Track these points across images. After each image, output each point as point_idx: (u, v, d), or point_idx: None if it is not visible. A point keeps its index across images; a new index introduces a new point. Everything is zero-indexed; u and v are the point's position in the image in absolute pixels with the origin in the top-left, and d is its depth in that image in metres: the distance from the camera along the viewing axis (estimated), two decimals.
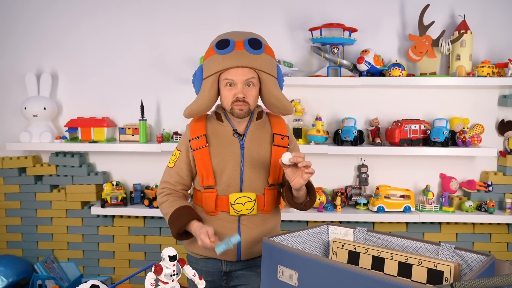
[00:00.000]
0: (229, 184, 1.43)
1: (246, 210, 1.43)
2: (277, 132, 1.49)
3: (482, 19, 2.50)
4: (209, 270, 1.51)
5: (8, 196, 2.62)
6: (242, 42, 1.37)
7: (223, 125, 1.47)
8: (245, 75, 1.37)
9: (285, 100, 1.46)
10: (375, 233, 1.30)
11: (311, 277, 1.03)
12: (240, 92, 1.38)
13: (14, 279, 2.45)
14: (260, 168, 1.45)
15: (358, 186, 2.58)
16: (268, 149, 1.46)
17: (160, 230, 2.59)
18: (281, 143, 1.48)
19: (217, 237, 1.31)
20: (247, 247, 1.46)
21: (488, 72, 2.36)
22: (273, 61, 1.45)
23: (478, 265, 1.07)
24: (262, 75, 1.40)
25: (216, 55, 1.38)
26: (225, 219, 1.45)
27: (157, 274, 1.04)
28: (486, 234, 2.53)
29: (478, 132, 2.51)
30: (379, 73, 2.42)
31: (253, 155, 1.44)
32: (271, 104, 1.46)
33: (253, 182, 1.44)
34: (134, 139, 2.53)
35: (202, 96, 1.42)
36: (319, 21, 2.50)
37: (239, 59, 1.36)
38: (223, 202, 1.44)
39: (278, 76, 1.47)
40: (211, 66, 1.39)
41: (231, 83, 1.38)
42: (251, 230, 1.46)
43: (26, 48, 2.63)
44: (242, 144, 1.44)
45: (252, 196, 1.43)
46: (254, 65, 1.37)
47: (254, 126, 1.48)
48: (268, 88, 1.42)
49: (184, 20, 2.57)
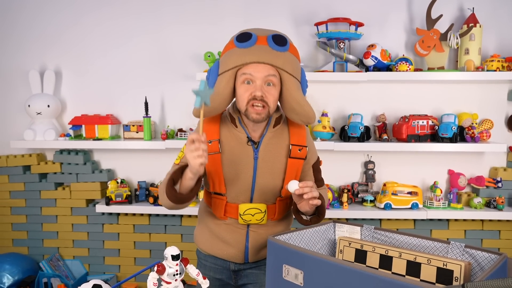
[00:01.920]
0: (239, 194, 1.38)
1: (255, 221, 1.39)
2: (295, 142, 1.38)
3: (491, 12, 2.44)
4: (218, 268, 1.49)
5: (13, 194, 2.62)
6: (265, 37, 1.26)
7: (237, 130, 1.37)
8: (266, 72, 1.25)
9: (307, 106, 1.32)
10: (382, 231, 1.27)
11: (317, 276, 1.00)
12: (259, 90, 1.25)
13: (20, 277, 2.46)
14: (273, 180, 1.37)
15: (365, 182, 2.55)
16: (283, 161, 1.37)
17: (165, 227, 2.58)
18: (298, 155, 1.38)
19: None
20: (254, 251, 1.43)
21: (497, 66, 2.32)
22: (297, 63, 1.32)
23: (489, 264, 1.04)
24: (284, 76, 1.27)
25: (236, 49, 1.27)
26: (234, 225, 1.42)
27: (160, 274, 1.02)
28: (495, 231, 2.49)
29: (487, 127, 2.47)
30: (386, 68, 2.38)
31: (267, 167, 1.36)
32: (291, 109, 1.32)
33: (265, 193, 1.38)
34: (139, 136, 2.51)
35: (215, 93, 1.28)
36: (324, 16, 2.46)
37: (260, 55, 1.24)
38: (232, 210, 1.40)
39: (302, 80, 1.34)
40: (229, 60, 1.28)
41: (249, 80, 1.26)
42: (260, 235, 1.43)
43: (29, 46, 2.62)
44: (256, 153, 1.35)
45: (262, 208, 1.38)
46: (276, 62, 1.25)
47: (270, 134, 1.37)
48: (289, 90, 1.29)
49: (188, 16, 2.54)
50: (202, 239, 1.50)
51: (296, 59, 1.32)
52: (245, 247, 1.42)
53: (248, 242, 1.42)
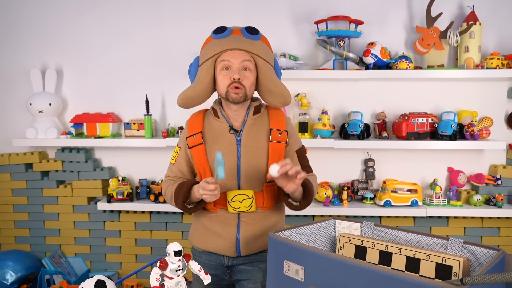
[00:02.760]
0: (226, 182, 1.41)
1: (244, 208, 1.42)
2: (274, 127, 1.45)
3: (491, 10, 2.45)
4: (212, 264, 1.51)
5: (15, 192, 2.64)
6: (239, 29, 1.41)
7: (219, 121, 1.46)
8: (242, 57, 1.37)
9: (282, 86, 1.44)
10: (382, 228, 1.28)
11: (317, 272, 1.02)
12: (236, 73, 1.36)
13: (23, 274, 2.47)
14: (257, 165, 1.43)
15: (365, 180, 2.56)
16: (265, 145, 1.44)
17: (166, 225, 2.59)
18: (279, 138, 1.45)
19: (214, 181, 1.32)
20: (246, 243, 1.45)
21: (497, 64, 2.33)
22: (269, 51, 1.45)
23: (487, 260, 1.05)
24: (259, 61, 1.40)
25: (213, 41, 1.40)
26: (224, 216, 1.45)
27: (162, 270, 1.04)
28: (495, 228, 2.50)
29: (487, 125, 2.48)
30: (386, 66, 2.39)
31: (250, 152, 1.42)
32: (268, 91, 1.43)
33: (251, 179, 1.43)
34: (140, 134, 2.52)
35: (197, 82, 1.42)
36: (324, 14, 2.47)
37: (236, 42, 1.37)
38: (221, 200, 1.43)
39: (275, 67, 1.47)
40: (208, 51, 1.40)
41: (228, 66, 1.38)
42: (251, 226, 1.45)
43: (30, 44, 2.63)
44: (239, 140, 1.43)
45: (249, 193, 1.42)
46: (250, 48, 1.37)
47: (250, 121, 1.46)
48: (264, 73, 1.41)
49: (189, 14, 2.55)
50: (196, 236, 1.54)
51: (268, 47, 1.45)
52: (236, 239, 1.45)
53: (239, 234, 1.44)
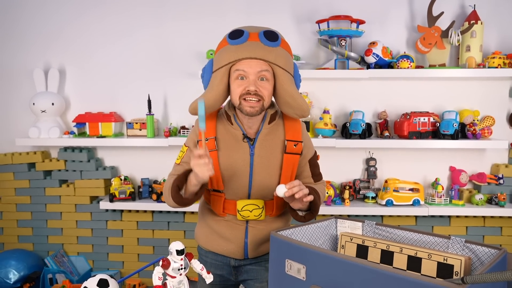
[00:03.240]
0: (237, 190, 1.39)
1: (253, 216, 1.40)
2: (290, 138, 1.39)
3: (492, 9, 2.45)
4: (218, 264, 1.50)
5: (18, 191, 2.65)
6: (257, 34, 1.29)
7: (233, 127, 1.39)
8: (259, 67, 1.27)
9: (300, 99, 1.34)
10: (384, 227, 1.29)
11: (319, 271, 1.02)
12: (252, 85, 1.27)
13: (26, 273, 2.48)
14: (270, 176, 1.39)
15: (367, 179, 2.57)
16: (279, 157, 1.39)
17: (168, 224, 2.60)
18: (294, 150, 1.39)
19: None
20: (254, 247, 1.44)
21: (499, 63, 2.32)
22: (289, 57, 1.34)
23: (489, 259, 1.05)
24: (277, 70, 1.29)
25: (228, 46, 1.29)
26: (232, 221, 1.43)
27: (165, 268, 1.04)
28: (497, 228, 2.50)
29: (489, 124, 2.47)
30: (387, 65, 2.39)
31: (263, 163, 1.38)
32: (285, 103, 1.34)
33: (262, 189, 1.39)
34: (142, 133, 2.53)
35: (210, 90, 1.32)
36: (326, 13, 2.47)
37: (253, 50, 1.26)
38: (230, 206, 1.41)
39: (295, 74, 1.36)
40: (222, 57, 1.30)
41: (243, 75, 1.28)
42: (259, 231, 1.44)
43: (33, 44, 2.64)
44: (252, 150, 1.37)
45: (260, 204, 1.39)
46: (268, 57, 1.27)
47: (265, 131, 1.39)
48: (282, 85, 1.31)
49: (191, 14, 2.56)
50: (202, 236, 1.52)
51: (288, 54, 1.34)
52: (244, 243, 1.43)
53: (247, 238, 1.43)
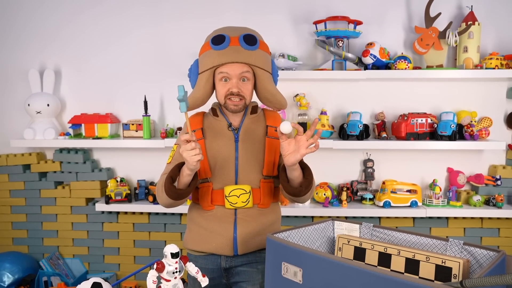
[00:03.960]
0: (224, 177, 1.46)
1: (241, 203, 1.44)
2: (270, 124, 1.51)
3: (490, 10, 2.45)
4: (208, 267, 1.50)
5: (13, 193, 2.63)
6: (237, 38, 1.42)
7: (218, 119, 1.51)
8: (240, 69, 1.41)
9: (279, 95, 1.50)
10: (381, 229, 1.27)
11: (316, 274, 1.01)
12: (235, 87, 1.41)
13: (20, 276, 2.46)
14: (255, 160, 1.47)
15: (364, 181, 2.56)
16: (262, 141, 1.49)
17: (164, 226, 2.58)
18: (275, 134, 1.49)
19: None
20: (243, 241, 1.45)
21: (496, 64, 2.32)
22: (267, 57, 1.48)
23: (488, 261, 1.04)
24: (257, 71, 1.44)
25: (212, 51, 1.42)
26: (221, 213, 1.46)
27: (159, 272, 1.03)
28: (495, 229, 2.50)
29: (486, 125, 2.47)
30: (385, 66, 2.39)
31: (248, 148, 1.47)
32: (265, 99, 1.50)
33: (248, 174, 1.46)
34: (138, 135, 2.52)
35: (197, 90, 1.46)
36: (323, 14, 2.46)
37: (234, 55, 1.40)
38: (218, 196, 1.46)
39: (273, 71, 1.51)
40: (207, 61, 1.43)
41: (226, 77, 1.42)
42: (248, 224, 1.46)
43: (29, 45, 2.62)
44: (237, 137, 1.47)
45: (247, 188, 1.45)
46: (249, 60, 1.41)
47: (248, 120, 1.50)
48: (262, 83, 1.46)
49: (187, 15, 2.55)
50: (191, 238, 1.53)
51: (266, 54, 1.48)
52: (233, 236, 1.45)
53: (236, 230, 1.45)
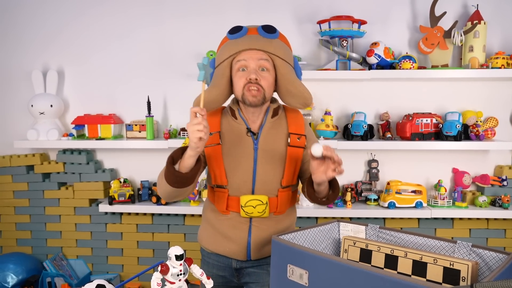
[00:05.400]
0: (240, 185, 1.38)
1: (257, 213, 1.38)
2: (293, 131, 1.41)
3: (496, 9, 2.42)
4: (220, 265, 1.49)
5: (17, 194, 2.62)
6: (255, 28, 1.34)
7: (237, 122, 1.40)
8: (258, 56, 1.30)
9: (302, 87, 1.36)
10: (387, 230, 1.26)
11: (322, 276, 0.99)
12: (253, 73, 1.30)
13: (24, 277, 2.46)
14: (274, 170, 1.38)
15: (369, 181, 2.54)
16: (283, 150, 1.39)
17: (168, 227, 2.57)
18: (297, 143, 1.40)
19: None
20: (257, 248, 1.42)
21: (502, 63, 2.30)
22: (288, 50, 1.37)
23: (497, 264, 1.02)
24: (277, 61, 1.32)
25: (229, 41, 1.34)
26: (236, 220, 1.41)
27: (164, 274, 1.02)
28: (501, 230, 2.47)
29: (492, 125, 2.45)
30: (390, 66, 2.37)
31: (267, 157, 1.38)
32: (287, 92, 1.36)
33: (266, 184, 1.38)
34: (141, 135, 2.51)
35: (213, 85, 1.35)
36: (327, 14, 2.45)
37: (252, 42, 1.31)
38: (234, 203, 1.40)
39: (295, 66, 1.39)
40: (223, 52, 1.34)
41: (244, 66, 1.31)
42: (262, 232, 1.42)
43: (32, 46, 2.62)
44: (256, 144, 1.38)
45: (264, 199, 1.37)
46: (267, 48, 1.31)
47: (269, 125, 1.40)
48: (283, 74, 1.34)
49: (190, 15, 2.54)
50: (205, 237, 1.51)
51: (286, 46, 1.38)
52: (247, 243, 1.41)
53: (250, 238, 1.41)
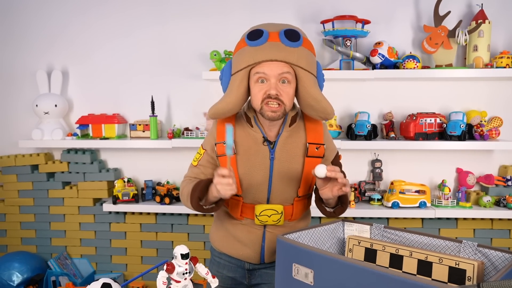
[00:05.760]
0: (255, 195, 1.35)
1: (271, 222, 1.36)
2: (311, 141, 1.34)
3: (500, 8, 2.41)
4: (232, 266, 1.48)
5: (21, 193, 2.64)
6: (277, 33, 1.21)
7: (253, 130, 1.34)
8: (279, 69, 1.21)
9: (325, 102, 1.27)
10: (392, 230, 1.26)
11: (327, 275, 1.00)
12: (273, 89, 1.21)
13: (29, 275, 2.47)
14: (290, 180, 1.34)
15: (372, 181, 2.53)
16: (300, 161, 1.34)
17: (172, 226, 2.58)
18: (315, 153, 1.34)
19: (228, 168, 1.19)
20: (271, 252, 1.41)
21: (507, 63, 2.29)
22: (312, 57, 1.27)
23: (503, 263, 1.02)
24: (299, 72, 1.23)
25: (247, 47, 1.23)
26: (250, 225, 1.40)
27: (169, 273, 1.02)
28: (505, 230, 2.46)
29: (496, 125, 2.44)
30: (393, 65, 2.37)
31: (283, 167, 1.33)
32: (308, 105, 1.28)
33: (282, 194, 1.36)
34: (145, 135, 2.51)
35: (230, 94, 1.26)
36: (331, 13, 2.45)
37: (273, 52, 1.20)
38: (248, 210, 1.38)
39: (318, 74, 1.30)
40: (241, 59, 1.24)
41: (263, 78, 1.23)
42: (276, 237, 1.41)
43: (36, 46, 2.63)
44: (272, 154, 1.33)
45: (279, 209, 1.35)
46: (290, 59, 1.20)
47: (286, 133, 1.34)
48: (305, 87, 1.24)
49: (194, 15, 2.54)
50: (218, 238, 1.49)
51: (310, 53, 1.27)
52: (261, 248, 1.40)
53: (264, 243, 1.39)
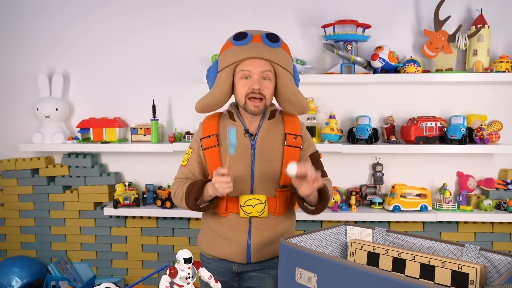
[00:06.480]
0: (239, 186, 1.41)
1: (256, 213, 1.41)
2: (289, 131, 1.45)
3: (499, 13, 2.43)
4: (221, 270, 1.49)
5: (22, 197, 2.63)
6: (259, 36, 1.37)
7: (235, 123, 1.45)
8: (262, 67, 1.35)
9: (301, 96, 1.42)
10: (394, 234, 1.26)
11: (330, 279, 0.99)
12: (256, 83, 1.35)
13: (29, 280, 2.46)
14: (271, 168, 1.42)
15: (373, 185, 2.54)
16: (280, 150, 1.43)
17: (172, 230, 2.57)
18: (294, 143, 1.44)
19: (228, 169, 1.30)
20: (257, 250, 1.43)
21: (506, 67, 2.30)
22: (289, 58, 1.43)
23: (505, 267, 1.02)
24: (278, 70, 1.38)
25: (233, 47, 1.37)
26: (235, 221, 1.44)
27: (172, 277, 1.02)
28: (506, 234, 2.46)
29: (497, 129, 2.45)
30: (394, 69, 2.38)
31: (265, 157, 1.42)
32: (286, 100, 1.42)
33: (264, 184, 1.42)
34: (146, 139, 2.52)
35: (216, 89, 1.40)
36: (332, 18, 2.46)
37: (256, 51, 1.34)
38: (233, 204, 1.43)
39: (294, 74, 1.44)
40: (227, 57, 1.37)
41: (247, 75, 1.36)
42: (262, 233, 1.43)
43: (37, 49, 2.63)
44: (254, 144, 1.42)
45: (262, 198, 1.41)
46: (271, 57, 1.35)
47: (266, 126, 1.45)
48: (284, 83, 1.39)
49: (195, 19, 2.55)
50: (205, 241, 1.52)
51: (288, 55, 1.42)
52: (247, 245, 1.43)
53: (250, 240, 1.42)
